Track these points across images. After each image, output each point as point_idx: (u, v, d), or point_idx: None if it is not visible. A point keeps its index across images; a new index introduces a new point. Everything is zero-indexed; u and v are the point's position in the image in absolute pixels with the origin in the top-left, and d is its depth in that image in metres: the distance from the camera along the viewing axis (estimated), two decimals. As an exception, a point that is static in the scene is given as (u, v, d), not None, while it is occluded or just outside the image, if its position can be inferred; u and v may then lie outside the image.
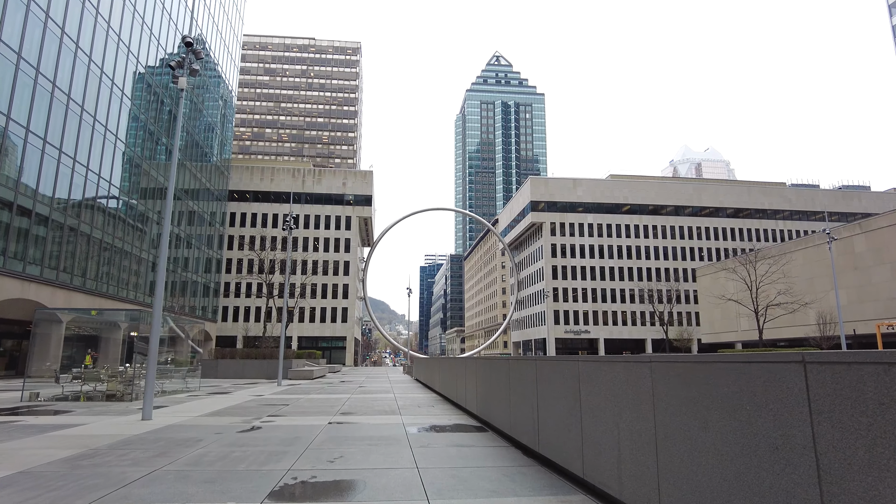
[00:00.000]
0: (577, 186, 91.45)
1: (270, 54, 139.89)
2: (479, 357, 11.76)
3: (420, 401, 17.76)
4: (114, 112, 39.16)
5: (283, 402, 17.19)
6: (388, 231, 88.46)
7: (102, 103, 37.63)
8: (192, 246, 60.01)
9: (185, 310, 55.82)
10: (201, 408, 14.98)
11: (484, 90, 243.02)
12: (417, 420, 12.27)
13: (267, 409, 14.82)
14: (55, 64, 32.19)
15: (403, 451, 8.19)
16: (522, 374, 7.93)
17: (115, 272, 40.49)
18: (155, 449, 8.28)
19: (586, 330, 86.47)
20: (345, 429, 10.77)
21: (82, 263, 35.87)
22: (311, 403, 16.59)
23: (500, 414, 9.43)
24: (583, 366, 5.64)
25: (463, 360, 14.18)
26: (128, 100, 41.25)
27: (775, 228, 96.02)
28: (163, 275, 12.89)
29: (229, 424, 11.33)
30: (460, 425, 11.24)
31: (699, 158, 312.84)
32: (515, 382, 8.28)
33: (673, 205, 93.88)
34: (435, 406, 15.74)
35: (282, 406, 15.64)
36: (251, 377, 34.32)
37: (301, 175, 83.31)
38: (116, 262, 40.50)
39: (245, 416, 13.01)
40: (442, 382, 18.98)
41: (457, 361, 15.57)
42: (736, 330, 66.59)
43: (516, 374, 8.25)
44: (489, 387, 10.31)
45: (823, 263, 52.23)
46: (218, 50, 64.80)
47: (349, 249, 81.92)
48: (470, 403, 12.66)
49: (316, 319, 79.49)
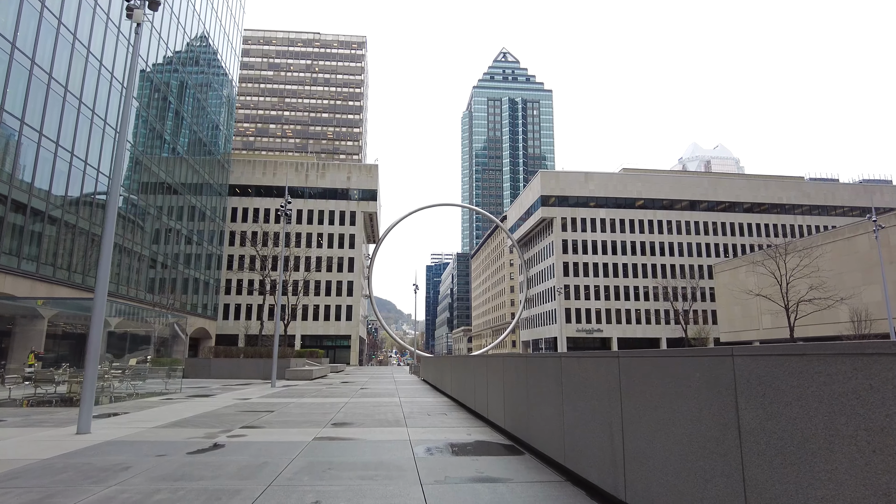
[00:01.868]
0: (589, 181, 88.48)
1: (274, 49, 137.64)
2: (508, 355, 9.11)
3: (429, 406, 15.15)
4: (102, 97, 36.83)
5: (269, 407, 14.63)
6: (394, 226, 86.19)
7: (90, 86, 35.28)
8: (191, 242, 57.72)
9: (175, 305, 53.46)
10: (166, 415, 12.43)
11: (491, 86, 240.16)
12: (428, 434, 9.64)
13: (245, 417, 12.25)
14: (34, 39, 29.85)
15: (410, 490, 5.58)
16: (590, 378, 5.30)
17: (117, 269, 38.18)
18: (48, 487, 5.72)
19: (599, 329, 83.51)
20: (333, 449, 8.17)
21: (66, 255, 33.52)
22: (300, 410, 14.00)
23: (544, 432, 6.80)
24: (748, 365, 3.02)
25: (483, 360, 11.52)
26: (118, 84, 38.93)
27: (793, 224, 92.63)
28: (108, 253, 10.28)
29: (184, 441, 8.75)
30: (484, 444, 8.61)
31: (709, 156, 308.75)
32: (575, 390, 5.66)
33: (688, 199, 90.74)
34: (448, 414, 13.12)
35: (264, 413, 13.06)
36: (246, 377, 31.85)
37: (304, 169, 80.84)
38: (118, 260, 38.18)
39: (212, 427, 10.43)
40: (455, 385, 16.34)
41: (475, 361, 12.89)
42: (758, 328, 63.52)
43: (577, 378, 5.63)
44: (526, 394, 7.67)
45: (855, 258, 49.16)
46: (216, 36, 62.43)
47: (354, 245, 79.37)
48: (494, 413, 10.02)
49: (320, 317, 77.00)
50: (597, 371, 5.16)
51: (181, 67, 51.81)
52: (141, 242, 43.74)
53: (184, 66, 52.50)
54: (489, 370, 10.56)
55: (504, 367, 9.13)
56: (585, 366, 5.48)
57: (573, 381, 5.71)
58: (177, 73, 51.10)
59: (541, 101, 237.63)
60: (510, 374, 8.63)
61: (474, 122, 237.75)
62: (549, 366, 6.59)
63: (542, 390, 6.80)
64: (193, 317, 57.34)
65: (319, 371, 35.41)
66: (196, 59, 56.19)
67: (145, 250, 44.54)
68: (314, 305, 76.66)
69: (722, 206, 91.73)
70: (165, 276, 50.31)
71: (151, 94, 45.30)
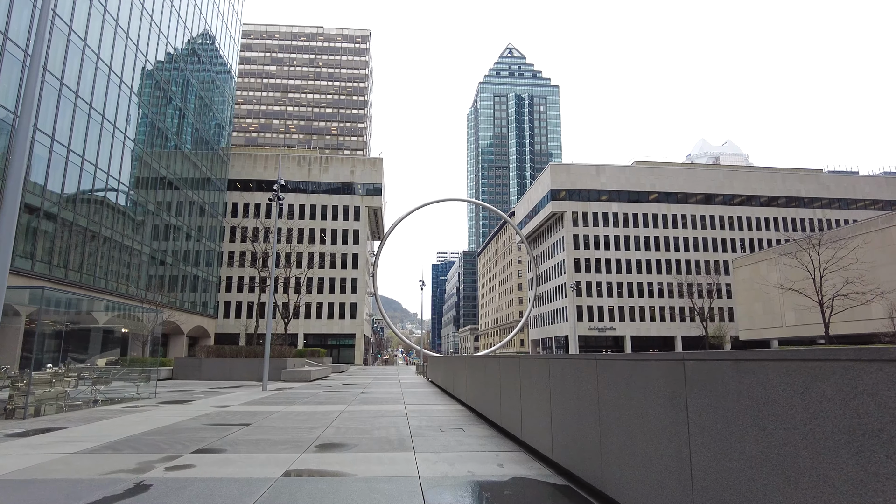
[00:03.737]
0: (601, 173, 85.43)
1: (277, 43, 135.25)
2: (559, 356, 6.41)
3: (441, 417, 12.52)
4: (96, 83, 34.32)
5: (247, 418, 12.03)
6: (401, 221, 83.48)
7: (87, 79, 32.82)
8: (190, 238, 55.35)
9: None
10: (111, 432, 9.86)
11: (497, 83, 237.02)
12: (443, 466, 6.98)
13: (208, 434, 9.64)
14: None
15: None
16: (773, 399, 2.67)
17: (103, 263, 35.65)
18: None
19: (611, 327, 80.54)
20: (305, 497, 5.55)
21: (46, 249, 31.08)
22: (283, 423, 11.39)
23: (648, 481, 4.15)
24: None
25: (514, 362, 8.82)
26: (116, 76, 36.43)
27: (812, 217, 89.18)
28: (11, 218, 7.66)
29: (97, 480, 6.14)
30: (528, 484, 5.95)
31: (717, 152, 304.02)
32: (725, 422, 3.02)
33: (702, 193, 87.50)
34: (466, 429, 10.46)
35: (236, 428, 10.45)
36: (240, 379, 29.34)
37: (307, 163, 78.25)
38: (103, 252, 35.65)
39: (155, 452, 7.84)
40: (471, 391, 13.68)
41: (501, 364, 10.19)
42: (780, 325, 60.47)
43: (716, 393, 2.98)
44: (598, 415, 4.99)
45: (890, 250, 46.18)
46: (214, 23, 60.00)
47: (358, 241, 76.73)
48: (533, 434, 7.36)
49: (323, 316, 74.39)
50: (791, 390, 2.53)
51: (176, 53, 49.33)
52: (132, 237, 41.28)
53: (182, 58, 50.04)
54: (523, 375, 7.90)
55: (551, 374, 6.47)
56: (761, 379, 2.83)
57: (724, 406, 3.06)
58: (177, 67, 48.68)
59: (547, 97, 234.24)
60: (564, 384, 5.96)
61: (480, 119, 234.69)
62: (656, 375, 3.93)
63: (639, 414, 4.15)
64: (191, 315, 54.97)
65: (319, 372, 32.86)
66: (193, 48, 53.73)
67: (137, 244, 42.08)
68: (317, 303, 74.15)
69: (738, 199, 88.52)
70: (162, 273, 47.94)
71: (143, 81, 42.82)
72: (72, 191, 32.86)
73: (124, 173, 39.77)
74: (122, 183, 39.31)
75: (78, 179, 33.36)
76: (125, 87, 39.28)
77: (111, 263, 37.75)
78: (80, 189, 33.68)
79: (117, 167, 38.45)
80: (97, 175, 35.62)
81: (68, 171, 32.24)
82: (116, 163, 38.29)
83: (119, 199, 39.37)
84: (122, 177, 39.26)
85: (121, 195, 39.47)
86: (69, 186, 32.49)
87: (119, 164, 38.69)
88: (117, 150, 38.30)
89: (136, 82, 41.09)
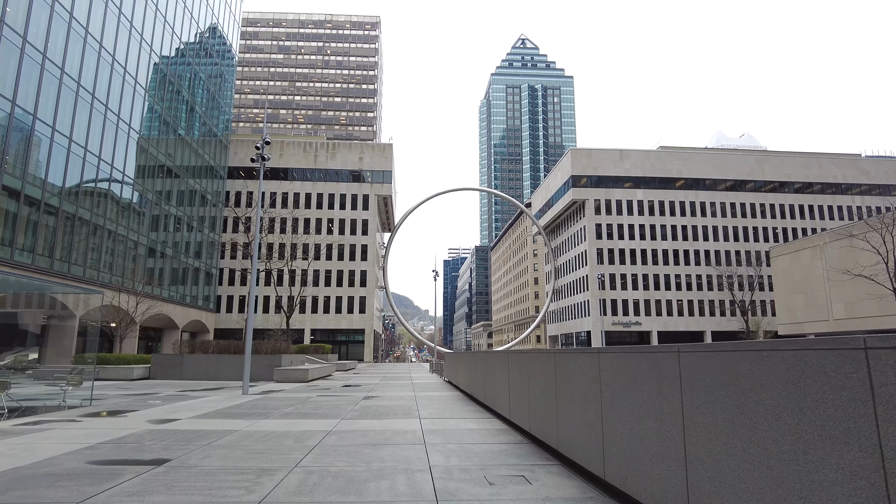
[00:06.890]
0: (625, 159, 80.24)
1: (284, 31, 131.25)
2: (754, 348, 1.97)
3: (481, 448, 8.06)
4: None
5: (172, 449, 7.67)
6: (413, 210, 78.36)
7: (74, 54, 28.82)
8: (188, 227, 51.45)
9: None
10: None
11: (509, 74, 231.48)
12: None
13: (60, 495, 5.30)
14: None
15: None
16: None
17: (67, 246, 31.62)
18: None
19: (637, 322, 75.50)
20: None
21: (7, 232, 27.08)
22: (222, 460, 7.00)
23: None
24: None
25: (653, 358, 4.37)
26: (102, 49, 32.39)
27: (850, 205, 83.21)
28: None
29: None
30: None
31: (734, 145, 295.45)
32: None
33: (732, 179, 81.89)
34: (533, 475, 5.96)
35: (129, 477, 6.09)
36: (225, 378, 25.15)
37: (313, 149, 74.01)
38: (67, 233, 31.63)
39: None
40: (524, 403, 9.15)
41: (576, 360, 5.70)
42: (826, 319, 55.21)
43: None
44: None
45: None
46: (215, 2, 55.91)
47: (367, 232, 72.41)
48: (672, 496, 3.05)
49: (331, 310, 70.22)
50: None
51: (175, 35, 45.28)
52: (127, 224, 37.26)
53: (181, 39, 45.99)
54: (661, 397, 3.50)
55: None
56: None
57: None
58: (178, 50, 44.65)
59: (561, 88, 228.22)
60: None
61: (493, 110, 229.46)
62: None
63: None
64: (186, 308, 51.06)
65: (320, 370, 28.59)
66: (191, 28, 49.65)
67: (132, 233, 38.06)
68: (325, 297, 70.02)
69: (770, 186, 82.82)
70: (156, 264, 44.04)
71: (140, 61, 38.73)
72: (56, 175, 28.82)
73: (113, 153, 35.71)
74: (115, 168, 35.28)
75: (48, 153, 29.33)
76: (118, 66, 35.19)
77: (76, 244, 33.58)
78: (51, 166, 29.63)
79: (109, 150, 34.40)
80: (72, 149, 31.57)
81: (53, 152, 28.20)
82: (108, 144, 34.26)
83: (114, 187, 35.35)
84: (116, 162, 35.22)
85: (115, 184, 35.45)
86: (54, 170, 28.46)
87: (100, 137, 34.64)
88: (110, 133, 34.23)
89: (132, 64, 37.01)
